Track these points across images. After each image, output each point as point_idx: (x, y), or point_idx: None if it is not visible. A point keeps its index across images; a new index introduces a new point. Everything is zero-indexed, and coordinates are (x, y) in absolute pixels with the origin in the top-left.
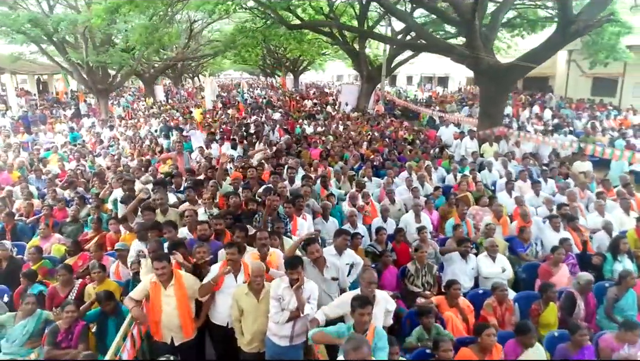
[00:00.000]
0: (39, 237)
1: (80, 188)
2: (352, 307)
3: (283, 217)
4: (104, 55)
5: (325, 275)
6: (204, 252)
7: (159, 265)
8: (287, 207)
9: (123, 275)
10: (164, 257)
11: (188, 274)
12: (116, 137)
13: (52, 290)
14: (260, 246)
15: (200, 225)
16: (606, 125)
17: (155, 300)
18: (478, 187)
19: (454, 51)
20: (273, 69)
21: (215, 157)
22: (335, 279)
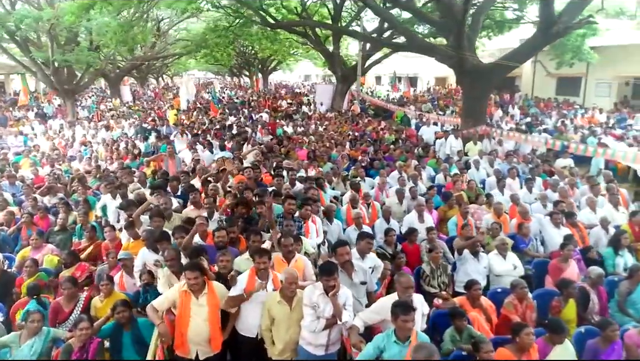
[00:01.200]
0: (29, 248)
1: (61, 194)
2: (394, 314)
3: (297, 220)
4: (70, 55)
5: (354, 279)
6: (227, 260)
7: (192, 274)
8: (306, 209)
9: (128, 286)
10: (196, 266)
11: (218, 283)
12: (87, 140)
13: (56, 305)
14: (287, 253)
15: (218, 232)
16: (576, 124)
17: (185, 310)
18: (470, 185)
19: (438, 51)
20: (240, 68)
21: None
22: (364, 283)
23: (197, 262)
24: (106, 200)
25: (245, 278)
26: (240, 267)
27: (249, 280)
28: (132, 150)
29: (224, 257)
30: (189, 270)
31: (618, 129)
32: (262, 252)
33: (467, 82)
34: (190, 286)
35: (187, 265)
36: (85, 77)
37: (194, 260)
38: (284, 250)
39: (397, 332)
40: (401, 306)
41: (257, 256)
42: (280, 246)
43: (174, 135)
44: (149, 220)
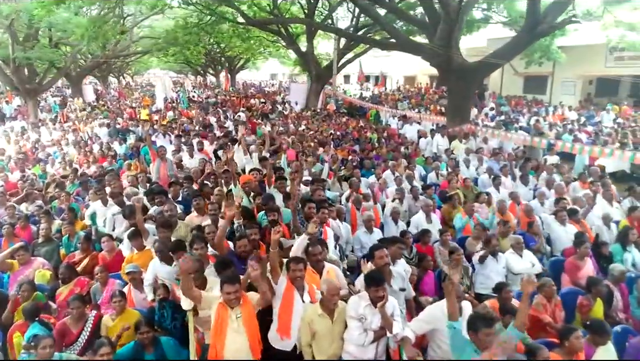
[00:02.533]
0: (16, 263)
1: (39, 201)
2: (475, 327)
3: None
4: (32, 52)
5: (393, 286)
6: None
7: (232, 288)
8: (323, 212)
9: (137, 302)
10: (236, 278)
11: (252, 293)
12: (57, 142)
13: (62, 326)
14: (316, 261)
15: (240, 241)
16: (550, 121)
17: (222, 324)
18: (466, 183)
19: (426, 50)
20: (206, 67)
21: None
22: (403, 290)
23: (237, 275)
24: (96, 207)
25: (281, 288)
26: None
27: (286, 293)
28: (107, 152)
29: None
30: (229, 283)
31: (589, 126)
32: (297, 260)
33: (452, 80)
34: (228, 300)
35: (226, 277)
36: (47, 76)
37: (234, 273)
38: (313, 259)
39: (479, 346)
40: (482, 319)
41: (292, 263)
42: (309, 255)
43: (156, 136)
44: (154, 229)
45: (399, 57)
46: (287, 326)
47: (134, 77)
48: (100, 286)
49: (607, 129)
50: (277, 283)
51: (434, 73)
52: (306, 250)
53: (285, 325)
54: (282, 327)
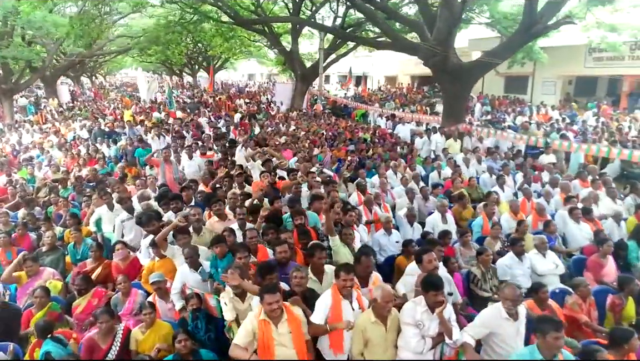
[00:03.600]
0: (23, 274)
1: (37, 207)
2: (542, 330)
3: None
4: (8, 50)
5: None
6: (301, 277)
7: (273, 298)
8: (351, 215)
9: (163, 312)
10: (277, 288)
11: (294, 305)
12: (39, 144)
13: (90, 341)
14: (365, 268)
15: (280, 247)
16: (538, 120)
17: (268, 341)
18: (471, 183)
19: (422, 50)
20: (182, 67)
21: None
22: (450, 294)
23: (277, 283)
24: (102, 213)
25: (328, 302)
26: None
27: (334, 304)
28: (94, 154)
29: (299, 273)
30: (269, 293)
31: (575, 125)
32: (348, 268)
33: (447, 80)
34: (270, 312)
35: (266, 287)
36: (24, 76)
37: (273, 281)
38: (363, 268)
39: (542, 351)
40: (551, 322)
41: (343, 272)
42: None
43: (152, 138)
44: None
45: (380, 58)
46: (340, 340)
47: (106, 77)
48: (122, 297)
49: (592, 128)
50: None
51: (415, 73)
52: (358, 258)
53: (338, 339)
54: (335, 342)
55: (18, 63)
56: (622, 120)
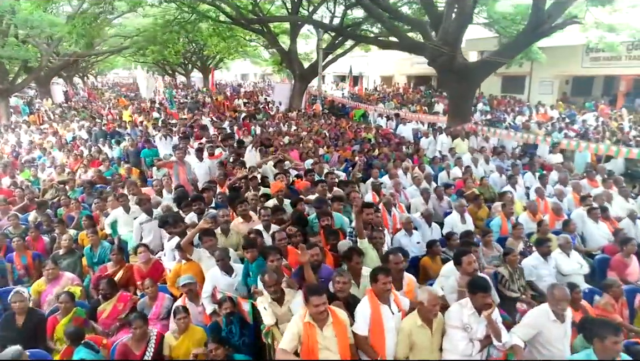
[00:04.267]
0: (43, 280)
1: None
2: (599, 335)
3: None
4: (3, 50)
5: None
6: (344, 282)
7: (320, 300)
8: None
9: (193, 316)
10: (323, 289)
11: (338, 308)
12: (40, 145)
13: (124, 348)
14: (398, 271)
15: (312, 250)
16: (539, 120)
17: (312, 345)
18: (483, 183)
19: (429, 50)
20: (175, 67)
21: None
22: None
23: (322, 285)
24: (117, 215)
25: (367, 310)
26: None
27: (374, 311)
28: (97, 155)
29: (342, 278)
30: (316, 295)
31: (575, 124)
32: (386, 271)
33: (453, 80)
34: (315, 315)
35: (313, 288)
36: (19, 76)
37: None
38: (395, 269)
39: (599, 354)
40: (610, 326)
41: (381, 275)
42: (390, 264)
43: (159, 139)
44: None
45: (376, 58)
46: (382, 346)
47: (97, 77)
48: (149, 301)
49: (593, 128)
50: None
51: (411, 73)
52: (386, 258)
53: (380, 345)
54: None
55: (13, 63)
56: (620, 120)
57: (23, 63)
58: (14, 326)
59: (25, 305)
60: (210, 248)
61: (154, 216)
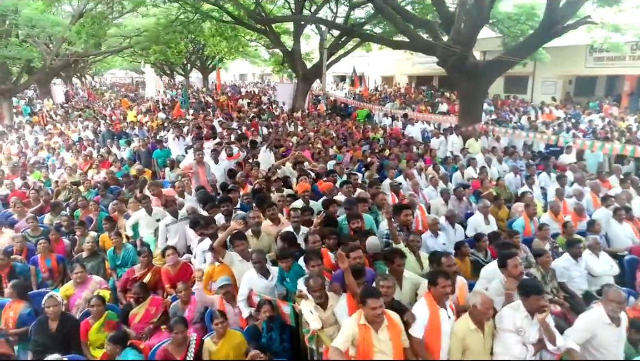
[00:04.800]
0: (71, 283)
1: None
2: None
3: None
4: (7, 50)
5: None
6: (388, 286)
7: (377, 303)
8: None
9: (229, 318)
10: (380, 292)
11: (392, 311)
12: (48, 146)
13: (165, 353)
14: (452, 273)
15: (355, 252)
16: (545, 120)
17: (367, 347)
18: (500, 183)
19: (440, 50)
20: (174, 67)
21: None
22: None
23: (376, 288)
24: (140, 217)
25: (425, 313)
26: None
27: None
28: (106, 156)
29: (386, 282)
30: (373, 298)
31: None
32: (446, 275)
33: (464, 80)
34: (372, 317)
35: (369, 291)
36: (22, 76)
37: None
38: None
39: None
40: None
41: (442, 278)
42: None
43: (173, 139)
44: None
45: (376, 58)
46: (437, 350)
47: (94, 78)
48: (182, 305)
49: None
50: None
51: (412, 73)
52: (437, 261)
53: (436, 349)
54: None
55: (15, 63)
56: (625, 119)
57: (26, 63)
58: (48, 331)
59: (58, 309)
60: (242, 252)
61: (179, 218)
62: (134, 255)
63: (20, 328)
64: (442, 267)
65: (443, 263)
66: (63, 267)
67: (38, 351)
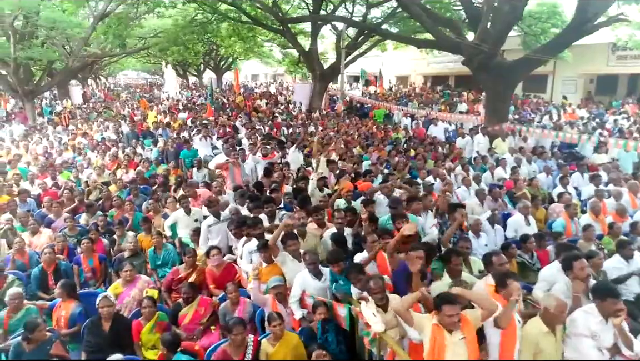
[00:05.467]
0: (120, 282)
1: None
2: None
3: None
4: (31, 51)
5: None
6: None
7: (454, 310)
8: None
9: None
10: (457, 299)
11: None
12: (74, 146)
13: (223, 354)
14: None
15: (416, 252)
16: (570, 119)
17: (439, 348)
18: (534, 183)
19: (467, 49)
20: (186, 67)
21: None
22: None
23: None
24: (178, 217)
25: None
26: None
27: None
28: (132, 156)
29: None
30: (450, 305)
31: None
32: (514, 276)
33: (490, 79)
34: (450, 324)
35: (445, 297)
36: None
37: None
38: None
39: None
40: None
41: (510, 280)
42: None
43: (200, 139)
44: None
45: (390, 58)
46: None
47: (107, 79)
48: (231, 306)
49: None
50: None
51: (428, 73)
52: (489, 260)
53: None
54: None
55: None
56: None
57: (48, 65)
58: (101, 332)
59: (112, 310)
60: (294, 252)
61: (221, 219)
62: (174, 255)
63: (71, 328)
64: (493, 266)
65: (494, 263)
66: (105, 266)
67: (91, 351)
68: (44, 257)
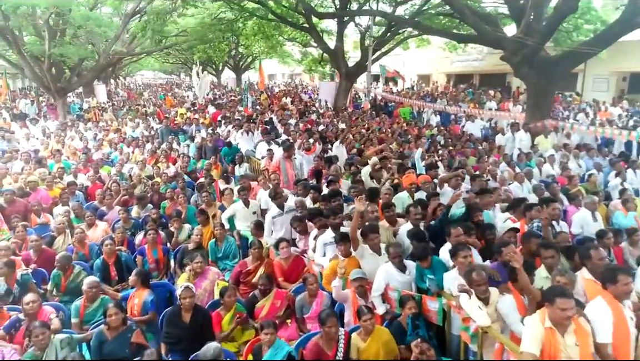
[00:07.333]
0: (191, 274)
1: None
2: None
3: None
4: (64, 48)
5: None
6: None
7: (568, 303)
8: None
9: None
10: (570, 292)
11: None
12: (110, 142)
13: (315, 347)
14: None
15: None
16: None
17: (555, 353)
18: (592, 180)
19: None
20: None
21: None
22: None
23: (569, 290)
24: (236, 209)
25: (608, 314)
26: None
27: (617, 314)
28: (169, 152)
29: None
30: (564, 298)
31: None
32: (625, 271)
33: (533, 75)
34: (559, 319)
35: (559, 290)
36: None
37: (567, 288)
38: (599, 265)
39: None
40: None
41: (622, 275)
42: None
43: (242, 134)
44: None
45: (412, 56)
46: (627, 354)
47: (125, 79)
48: (309, 298)
49: None
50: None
51: (451, 71)
52: (587, 255)
53: (625, 353)
54: (622, 354)
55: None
56: None
57: (79, 62)
58: (181, 323)
59: (193, 301)
60: (375, 245)
61: (285, 210)
62: (235, 248)
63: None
64: (592, 260)
65: (593, 258)
66: (168, 258)
67: (171, 343)
68: (105, 248)
